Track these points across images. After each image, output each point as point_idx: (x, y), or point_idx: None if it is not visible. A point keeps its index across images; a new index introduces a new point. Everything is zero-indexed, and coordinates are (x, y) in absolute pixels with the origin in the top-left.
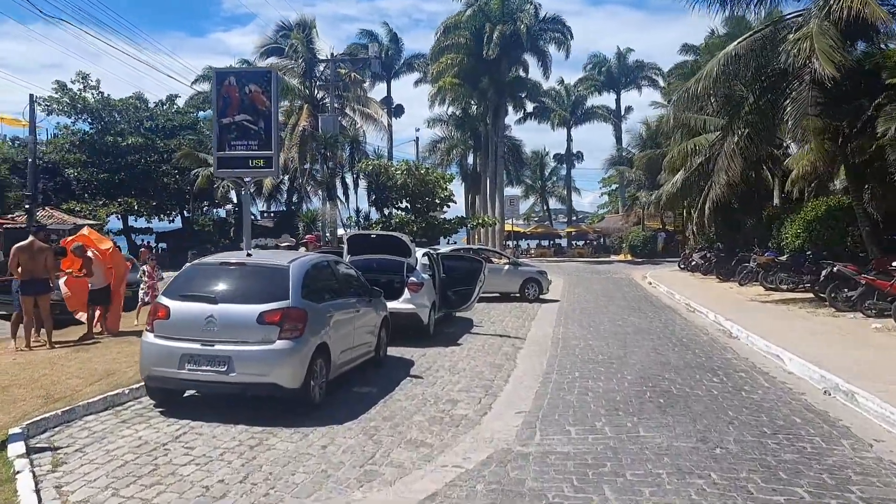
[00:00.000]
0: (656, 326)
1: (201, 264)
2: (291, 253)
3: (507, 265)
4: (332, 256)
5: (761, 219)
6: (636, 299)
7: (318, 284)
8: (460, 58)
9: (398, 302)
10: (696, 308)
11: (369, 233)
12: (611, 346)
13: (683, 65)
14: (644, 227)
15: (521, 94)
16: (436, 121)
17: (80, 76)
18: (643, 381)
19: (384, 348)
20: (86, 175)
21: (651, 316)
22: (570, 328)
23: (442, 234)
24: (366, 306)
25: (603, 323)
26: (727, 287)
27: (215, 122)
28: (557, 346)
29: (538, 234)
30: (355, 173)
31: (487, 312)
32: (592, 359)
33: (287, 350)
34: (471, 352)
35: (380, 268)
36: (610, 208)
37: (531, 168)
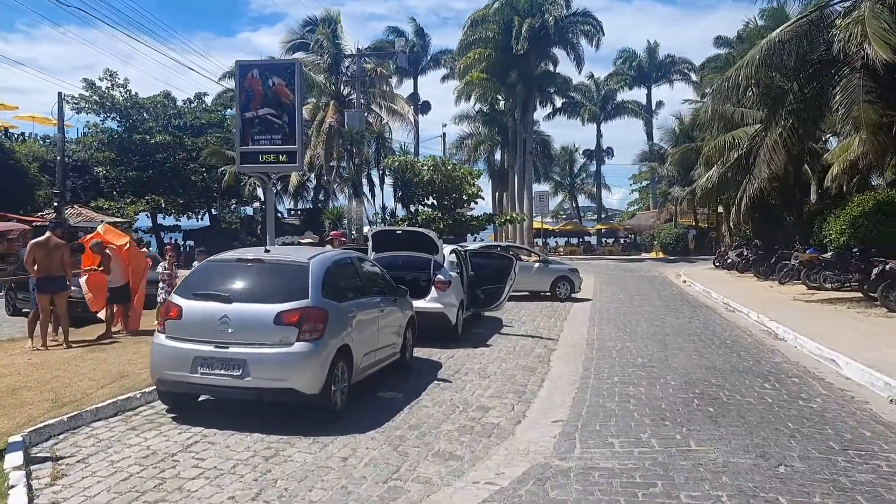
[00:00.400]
0: (696, 327)
1: (216, 261)
2: (312, 249)
3: (537, 263)
4: (355, 253)
5: (801, 215)
6: (672, 298)
7: (340, 282)
8: (488, 52)
9: (425, 301)
10: (735, 308)
11: (395, 229)
12: (650, 348)
13: (717, 58)
14: (676, 225)
15: (550, 88)
16: (463, 117)
17: (107, 74)
18: (689, 387)
19: (410, 350)
20: (114, 173)
21: (689, 316)
22: (606, 329)
23: (469, 231)
24: (391, 306)
25: (639, 323)
26: (766, 286)
27: (238, 117)
28: (593, 347)
29: (567, 232)
30: (381, 170)
31: (517, 312)
32: (631, 362)
33: (306, 353)
34: (501, 354)
35: (406, 265)
36: (640, 205)
37: (559, 164)
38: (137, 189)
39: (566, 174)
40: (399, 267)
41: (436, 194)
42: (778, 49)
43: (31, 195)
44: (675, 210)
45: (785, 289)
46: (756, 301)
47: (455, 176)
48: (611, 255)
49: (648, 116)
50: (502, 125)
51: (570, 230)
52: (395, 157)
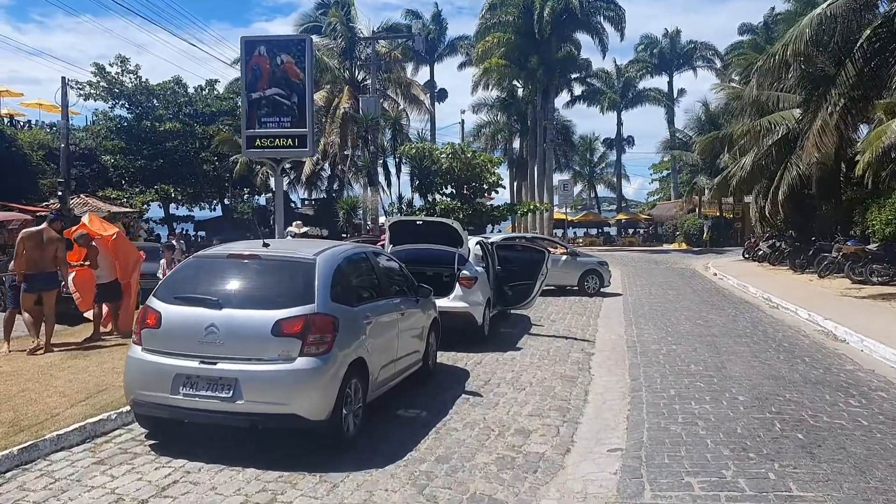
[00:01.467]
0: (743, 326)
1: (204, 257)
2: (319, 243)
3: (564, 256)
4: (370, 247)
5: (840, 204)
6: (707, 293)
7: (354, 282)
8: (507, 36)
9: (448, 299)
10: (779, 303)
11: (415, 219)
12: (699, 352)
13: (741, 44)
14: (700, 215)
15: (571, 74)
16: (481, 105)
17: (118, 59)
18: (762, 404)
19: (434, 356)
20: (123, 162)
21: (731, 313)
22: (645, 328)
23: (490, 221)
24: (412, 307)
25: (680, 322)
26: (806, 279)
27: (244, 97)
28: (635, 351)
29: (586, 222)
30: (397, 157)
31: (545, 308)
32: (684, 370)
33: (312, 371)
34: (534, 359)
35: (427, 259)
36: (661, 195)
37: (579, 153)
38: (147, 178)
39: (585, 163)
40: (419, 261)
41: (454, 183)
42: (829, 23)
43: (35, 184)
44: (698, 200)
45: (827, 283)
46: (800, 296)
47: (475, 163)
48: (631, 246)
49: (670, 104)
50: (521, 112)
51: (591, 220)
52: (411, 144)
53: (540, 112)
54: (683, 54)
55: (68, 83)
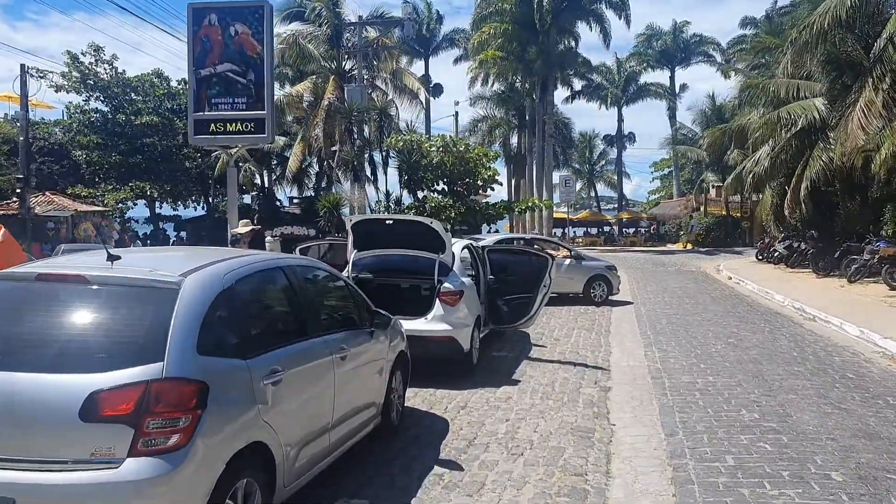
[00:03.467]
0: (785, 347)
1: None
2: (206, 253)
3: (567, 259)
4: (297, 259)
5: (866, 201)
6: (728, 301)
7: (251, 318)
8: (504, 26)
9: (427, 321)
10: (814, 315)
11: (384, 217)
12: (746, 387)
13: (744, 39)
14: (707, 214)
15: (570, 69)
16: (477, 98)
17: (92, 48)
18: (873, 490)
19: (399, 404)
20: (96, 157)
21: (764, 328)
22: (668, 350)
23: (485, 220)
24: (364, 342)
25: (709, 341)
26: (835, 285)
27: (191, 74)
28: (662, 385)
29: (586, 221)
30: (384, 151)
31: (547, 322)
32: (735, 419)
33: (151, 482)
34: (535, 398)
35: (400, 269)
36: (663, 193)
37: (578, 151)
38: (122, 175)
39: (585, 161)
40: (391, 271)
41: (447, 179)
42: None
43: None
44: (704, 198)
45: (859, 289)
46: (836, 306)
47: (468, 157)
48: (633, 246)
49: (672, 99)
50: (519, 107)
51: (591, 219)
52: (399, 136)
53: (538, 106)
54: (686, 48)
55: (28, 71)
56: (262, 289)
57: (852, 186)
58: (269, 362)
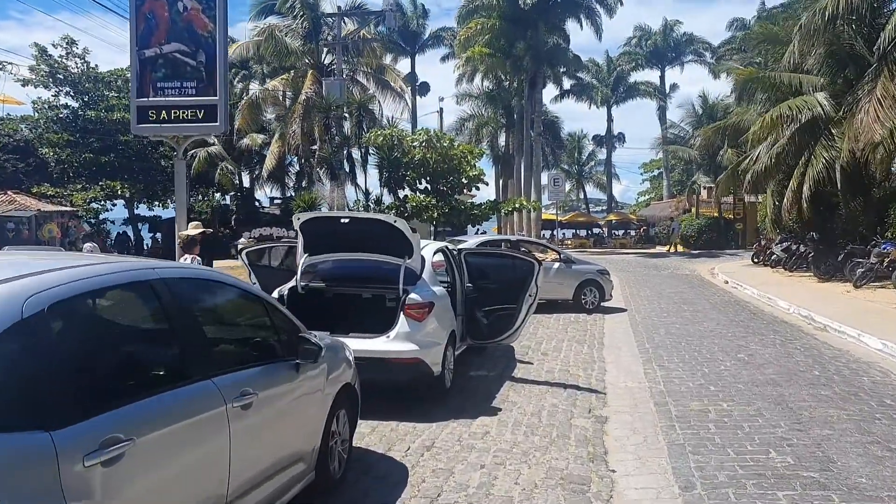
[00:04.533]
0: (803, 364)
1: None
2: (29, 259)
3: (557, 263)
4: (178, 269)
5: (869, 201)
6: (729, 308)
7: (73, 365)
8: (492, 21)
9: (388, 340)
10: (826, 324)
11: (339, 215)
12: (769, 417)
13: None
14: (698, 215)
15: (559, 67)
16: (464, 96)
17: (63, 40)
18: None
19: (343, 450)
20: (65, 155)
21: (774, 339)
22: (671, 367)
23: (470, 221)
24: (286, 380)
25: (715, 356)
26: (838, 290)
27: (133, 56)
28: (669, 414)
29: (576, 223)
30: (363, 146)
31: (534, 333)
32: (766, 464)
33: None
34: (518, 434)
35: (357, 277)
36: (653, 195)
37: (567, 152)
38: (93, 174)
39: (573, 162)
40: (345, 280)
41: (429, 177)
42: None
43: None
44: (696, 199)
45: (867, 294)
46: (849, 314)
47: (452, 155)
48: (623, 248)
49: (663, 99)
50: (507, 105)
51: (581, 221)
52: (378, 131)
53: (527, 104)
54: (677, 47)
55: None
56: (102, 314)
57: (855, 186)
58: (102, 430)
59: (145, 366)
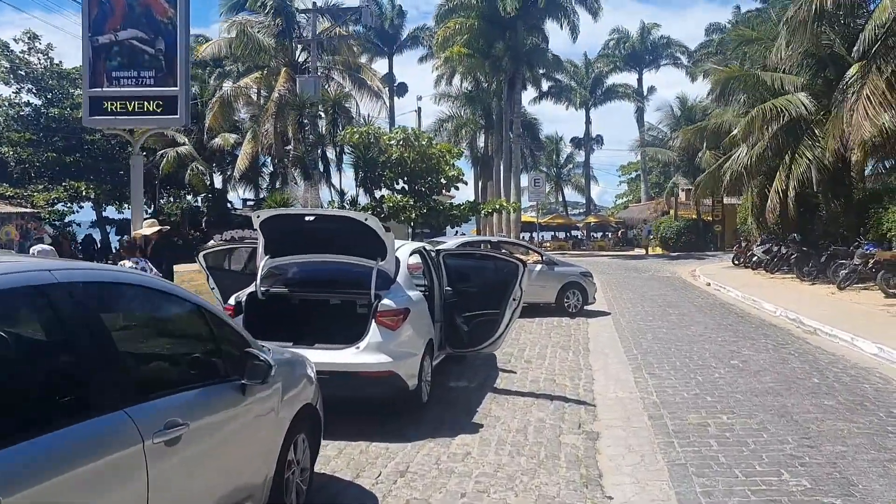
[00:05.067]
0: (799, 369)
1: None
2: None
3: (539, 265)
4: (87, 271)
5: (850, 203)
6: (714, 311)
7: None
8: (470, 21)
9: (358, 351)
10: (815, 327)
11: (302, 213)
12: (774, 432)
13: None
14: (677, 217)
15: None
16: (443, 96)
17: (26, 34)
18: None
19: (302, 481)
20: (26, 155)
21: (765, 344)
22: (662, 375)
23: (449, 222)
24: (228, 405)
25: (707, 361)
26: (823, 291)
27: (86, 43)
28: (665, 429)
29: (555, 226)
30: (338, 146)
31: (516, 339)
32: (780, 488)
33: None
34: (502, 454)
35: (324, 281)
36: (630, 197)
37: (545, 154)
38: (57, 174)
39: (552, 164)
40: (311, 285)
41: (407, 177)
42: None
43: None
44: (675, 201)
45: (852, 296)
46: (837, 317)
47: (431, 154)
48: (601, 250)
49: (640, 102)
50: (486, 106)
51: (560, 224)
52: (354, 128)
53: (506, 105)
54: (654, 50)
55: None
56: None
57: (836, 186)
58: None
59: (25, 397)
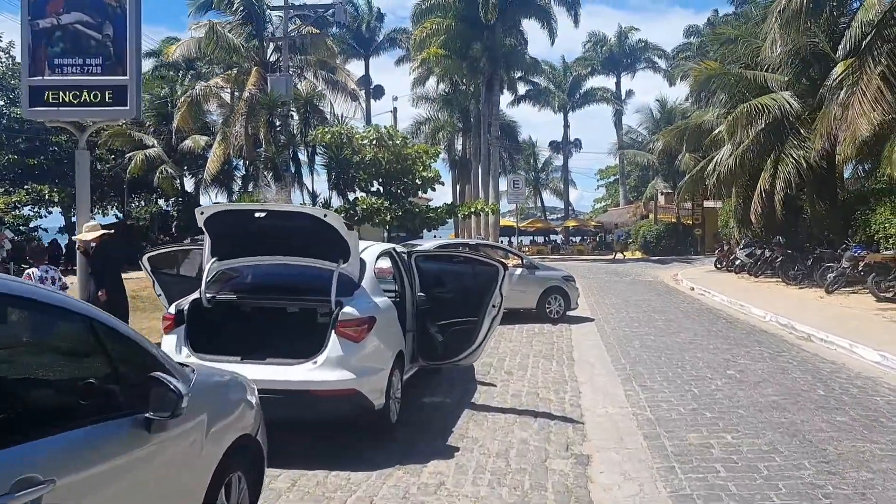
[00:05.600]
0: (801, 380)
1: None
2: None
3: (519, 269)
4: None
5: (835, 204)
6: (701, 316)
7: None
8: (448, 22)
9: (315, 367)
10: (810, 334)
11: (251, 208)
12: (787, 454)
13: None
14: (657, 221)
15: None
16: (420, 98)
17: None
18: None
19: None
20: None
21: (761, 352)
22: (654, 388)
23: (425, 225)
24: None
25: (701, 371)
26: (811, 296)
27: (25, 26)
28: (664, 451)
29: (534, 230)
30: (310, 145)
31: (496, 346)
32: None
33: None
34: (481, 484)
35: (280, 287)
36: (609, 202)
37: (523, 158)
38: (19, 177)
39: (530, 169)
40: (265, 290)
41: (382, 178)
42: None
43: None
44: (654, 205)
45: (841, 300)
46: (830, 322)
47: (406, 154)
48: (580, 254)
49: (619, 105)
50: (464, 109)
51: (539, 228)
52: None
53: (484, 107)
54: (632, 54)
55: None
56: None
57: (823, 188)
58: None
59: None
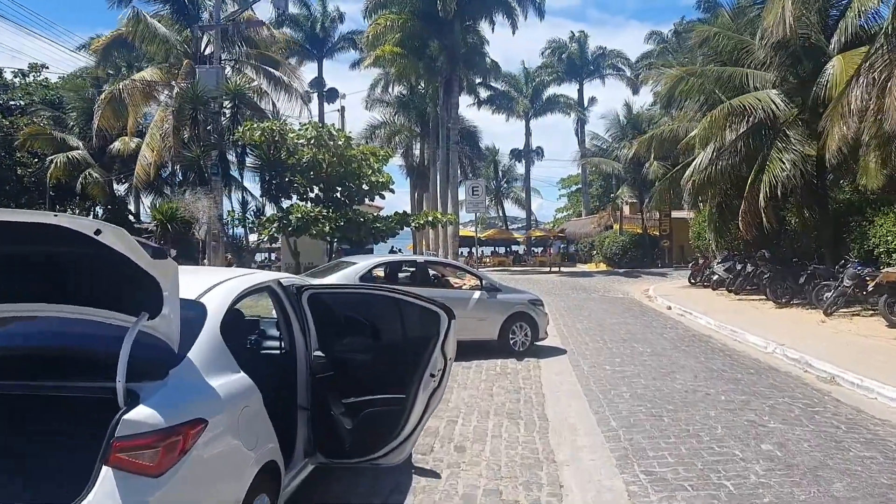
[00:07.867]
0: (870, 461)
1: None
2: None
3: (477, 292)
4: None
5: (825, 214)
6: (692, 346)
7: None
8: (402, 18)
9: None
10: (834, 374)
11: None
12: None
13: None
14: (622, 231)
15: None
16: (375, 101)
17: None
18: None
19: None
20: None
21: (791, 407)
22: (669, 480)
23: (373, 236)
24: None
25: (727, 446)
26: (808, 318)
27: None
28: None
29: (495, 240)
30: (238, 144)
31: (446, 398)
32: None
33: None
34: None
35: (33, 360)
36: (571, 212)
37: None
38: None
39: (492, 177)
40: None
41: (323, 183)
42: None
43: None
44: (619, 215)
45: (847, 324)
46: (853, 358)
47: (350, 156)
48: (542, 266)
49: (581, 112)
50: (422, 112)
51: (500, 238)
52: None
53: (442, 110)
54: (593, 61)
55: None
56: None
57: (811, 196)
58: None
59: None
